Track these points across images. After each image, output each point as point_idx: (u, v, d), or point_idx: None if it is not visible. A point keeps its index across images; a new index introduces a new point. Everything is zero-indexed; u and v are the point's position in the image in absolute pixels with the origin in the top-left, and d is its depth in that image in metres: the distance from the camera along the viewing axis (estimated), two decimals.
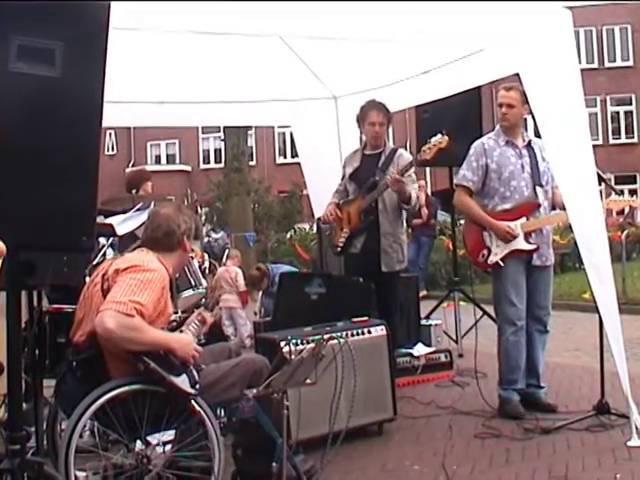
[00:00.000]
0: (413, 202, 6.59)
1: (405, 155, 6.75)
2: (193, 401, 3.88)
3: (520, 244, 5.83)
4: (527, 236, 5.85)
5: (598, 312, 5.30)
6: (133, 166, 37.26)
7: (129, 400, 3.82)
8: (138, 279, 3.88)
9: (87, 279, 4.30)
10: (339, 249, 6.86)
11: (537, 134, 5.72)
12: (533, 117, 5.57)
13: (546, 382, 6.15)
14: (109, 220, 6.22)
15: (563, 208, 5.62)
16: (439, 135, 6.21)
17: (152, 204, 6.23)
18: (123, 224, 6.07)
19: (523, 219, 5.85)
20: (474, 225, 6.02)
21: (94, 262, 5.52)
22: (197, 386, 3.91)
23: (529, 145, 6.02)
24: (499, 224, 5.84)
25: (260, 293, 10.15)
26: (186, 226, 4.29)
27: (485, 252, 5.91)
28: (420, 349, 7.35)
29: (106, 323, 3.69)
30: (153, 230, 4.30)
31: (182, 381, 3.86)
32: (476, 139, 6.16)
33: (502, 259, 5.84)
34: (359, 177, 6.77)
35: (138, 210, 6.24)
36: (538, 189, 5.91)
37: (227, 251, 11.99)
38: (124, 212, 6.34)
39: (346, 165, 6.98)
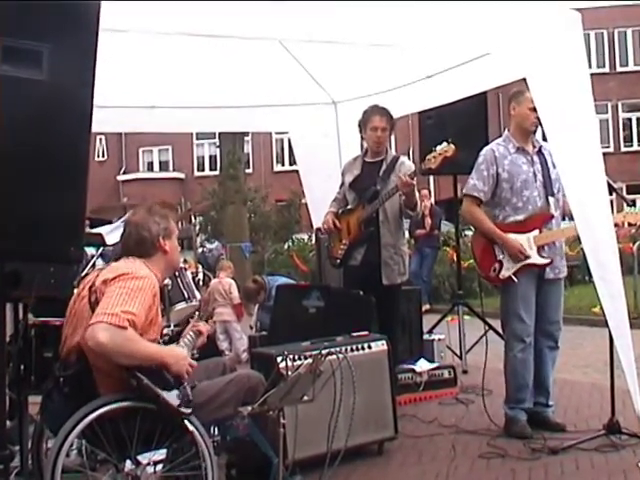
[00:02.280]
0: (419, 208, 6.59)
1: (407, 163, 6.74)
2: (186, 420, 3.87)
3: (533, 258, 5.81)
4: (540, 249, 5.84)
5: (608, 327, 5.30)
6: (124, 173, 37.40)
7: (119, 418, 3.80)
8: (128, 287, 3.87)
9: (75, 291, 4.29)
10: (338, 261, 6.86)
11: (545, 140, 5.72)
12: (541, 124, 5.58)
13: (554, 400, 6.13)
14: (99, 229, 6.23)
15: (571, 217, 5.61)
16: (445, 143, 6.18)
17: None
18: (113, 233, 6.07)
19: (536, 231, 5.82)
20: (484, 237, 5.98)
21: (83, 273, 5.52)
22: (191, 404, 3.89)
23: (540, 151, 5.99)
24: (511, 242, 5.78)
25: (256, 306, 10.14)
26: (158, 227, 4.28)
27: (497, 266, 5.85)
28: (422, 365, 7.33)
29: (98, 337, 3.66)
30: (125, 239, 4.32)
31: (175, 399, 3.84)
32: (482, 147, 6.11)
33: (514, 273, 5.81)
34: (359, 186, 6.76)
35: None
36: (550, 199, 5.88)
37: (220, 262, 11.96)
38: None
39: (345, 172, 6.97)
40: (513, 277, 5.79)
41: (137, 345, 3.77)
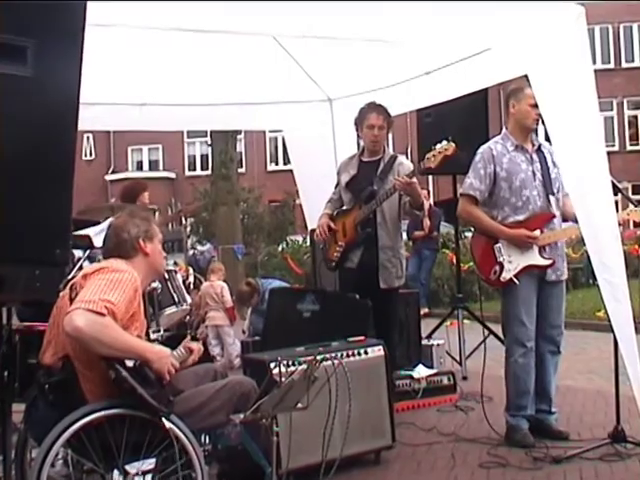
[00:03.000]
0: (425, 207, 6.59)
1: (406, 163, 6.75)
2: (165, 420, 3.85)
3: (535, 259, 5.81)
4: (541, 250, 5.84)
5: (613, 332, 5.30)
6: (113, 172, 37.39)
7: (105, 426, 3.79)
8: (107, 279, 3.91)
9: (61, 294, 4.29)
10: (334, 264, 6.86)
11: (547, 139, 5.72)
12: (543, 122, 5.57)
13: (557, 407, 6.13)
14: (85, 231, 6.21)
15: (574, 219, 5.61)
16: (444, 142, 6.18)
17: None
18: (101, 235, 6.05)
19: (537, 232, 5.82)
20: (483, 238, 5.97)
21: (69, 276, 5.50)
22: (171, 404, 3.89)
23: (539, 150, 6.00)
24: (516, 231, 5.79)
25: (249, 310, 10.14)
26: (138, 229, 4.33)
27: (497, 268, 5.85)
28: (421, 371, 7.33)
29: (75, 321, 3.68)
30: (106, 242, 4.39)
31: (154, 396, 3.83)
32: (482, 145, 6.12)
33: (516, 275, 5.81)
34: (356, 186, 6.76)
35: None
36: (551, 197, 5.88)
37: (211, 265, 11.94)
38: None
39: (341, 172, 6.97)
40: (514, 279, 5.79)
41: (116, 333, 3.78)
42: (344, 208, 6.85)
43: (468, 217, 6.12)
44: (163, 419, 3.83)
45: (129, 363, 3.83)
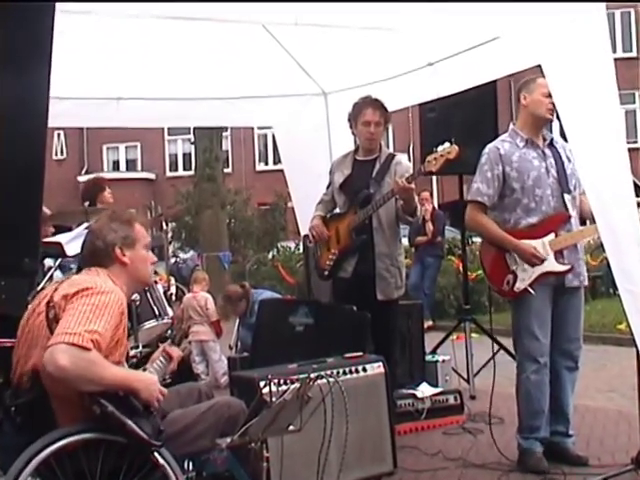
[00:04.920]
0: (419, 213, 6.58)
1: (404, 163, 6.75)
2: (156, 453, 3.84)
3: (551, 265, 5.78)
4: (557, 255, 5.83)
5: (636, 346, 5.29)
6: (87, 173, 37.34)
7: (80, 452, 3.77)
8: (92, 304, 3.83)
9: (30, 307, 4.27)
10: (326, 273, 6.85)
11: (563, 136, 5.71)
12: (558, 117, 5.57)
13: (574, 429, 6.12)
14: (57, 238, 6.20)
15: (592, 219, 5.58)
16: (447, 144, 6.15)
17: None
18: (73, 242, 6.04)
19: (552, 235, 5.80)
20: (493, 245, 5.96)
21: (39, 287, 5.49)
22: (162, 435, 3.87)
23: (551, 144, 6.00)
24: (523, 246, 5.77)
25: (236, 323, 10.11)
26: (115, 236, 4.22)
27: (510, 278, 5.82)
28: (425, 390, 7.33)
29: (58, 360, 3.61)
30: (82, 249, 4.33)
31: (144, 428, 3.82)
32: (490, 143, 6.10)
33: (530, 284, 5.78)
34: (350, 187, 6.75)
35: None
36: (566, 197, 5.86)
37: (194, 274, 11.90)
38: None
39: (334, 171, 6.97)
40: (529, 289, 5.77)
41: (103, 369, 3.74)
42: (337, 212, 6.85)
43: (475, 226, 6.09)
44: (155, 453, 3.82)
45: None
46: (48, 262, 6.41)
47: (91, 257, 4.23)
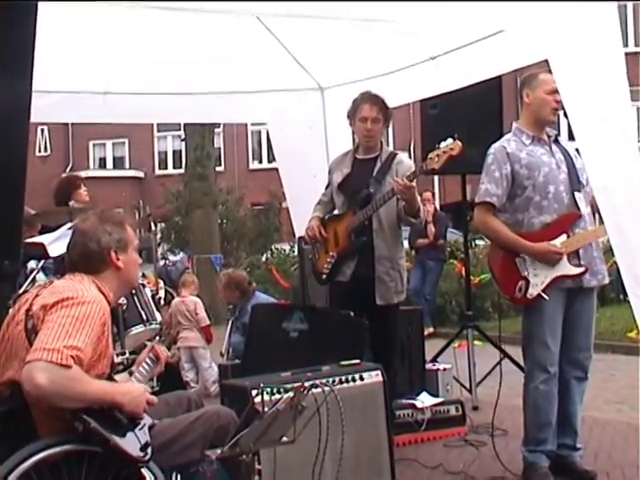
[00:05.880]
0: (422, 215, 6.57)
1: (406, 162, 6.74)
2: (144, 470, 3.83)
3: (565, 268, 5.73)
4: (572, 256, 5.77)
5: None
6: (71, 171, 37.31)
7: (61, 464, 3.77)
8: (72, 316, 3.80)
9: (10, 311, 4.25)
10: (324, 276, 6.84)
11: (570, 135, 5.70)
12: (566, 115, 5.56)
13: (582, 442, 6.11)
14: (39, 238, 6.19)
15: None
16: (450, 140, 6.14)
17: None
18: (56, 243, 6.03)
19: (563, 236, 5.76)
20: (503, 250, 5.90)
21: (21, 291, 5.48)
22: (149, 449, 3.86)
23: (556, 140, 6.00)
24: (539, 246, 5.71)
25: (228, 329, 10.11)
26: (109, 238, 4.18)
27: (522, 284, 5.76)
28: (425, 400, 7.33)
29: (36, 379, 3.60)
30: (70, 252, 4.25)
31: (130, 442, 3.81)
32: (496, 141, 6.07)
33: (543, 290, 5.71)
34: (349, 187, 6.74)
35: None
36: (577, 195, 5.81)
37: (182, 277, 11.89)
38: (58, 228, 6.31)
39: (333, 171, 6.97)
40: (543, 295, 5.72)
41: (83, 386, 3.72)
42: (336, 213, 6.84)
43: (485, 229, 6.04)
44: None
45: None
46: (31, 264, 6.41)
47: (82, 260, 4.17)
